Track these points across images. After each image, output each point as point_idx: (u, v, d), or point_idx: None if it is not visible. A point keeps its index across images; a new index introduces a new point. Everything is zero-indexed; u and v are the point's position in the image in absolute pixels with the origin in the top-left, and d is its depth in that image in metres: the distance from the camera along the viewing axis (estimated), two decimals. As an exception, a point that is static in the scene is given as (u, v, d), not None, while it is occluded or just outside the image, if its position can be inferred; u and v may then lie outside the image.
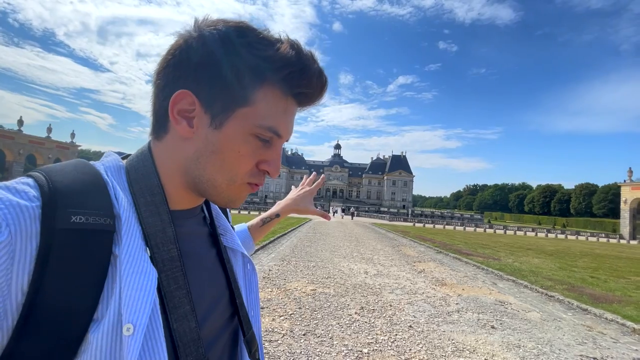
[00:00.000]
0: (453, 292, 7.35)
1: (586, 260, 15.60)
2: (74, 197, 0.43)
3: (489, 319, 5.55)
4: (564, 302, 7.13)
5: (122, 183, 0.50)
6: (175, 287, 0.48)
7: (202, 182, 0.51)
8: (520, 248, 19.29)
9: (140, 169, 0.52)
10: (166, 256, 0.48)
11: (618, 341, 5.03)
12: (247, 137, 0.49)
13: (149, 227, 0.48)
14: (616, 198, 58.76)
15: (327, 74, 0.56)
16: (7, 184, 0.41)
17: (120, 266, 0.42)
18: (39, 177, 0.43)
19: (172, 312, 0.47)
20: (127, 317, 0.40)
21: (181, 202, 0.55)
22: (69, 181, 0.44)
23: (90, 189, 0.45)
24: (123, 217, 0.45)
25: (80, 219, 0.42)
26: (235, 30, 0.49)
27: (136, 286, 0.42)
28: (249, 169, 0.51)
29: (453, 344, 4.37)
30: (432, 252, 14.87)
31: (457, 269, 10.50)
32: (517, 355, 4.16)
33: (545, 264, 12.78)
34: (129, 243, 0.44)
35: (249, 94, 0.48)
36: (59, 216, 0.40)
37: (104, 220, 0.43)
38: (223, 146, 0.49)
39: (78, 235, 0.41)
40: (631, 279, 10.61)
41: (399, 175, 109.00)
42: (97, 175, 0.47)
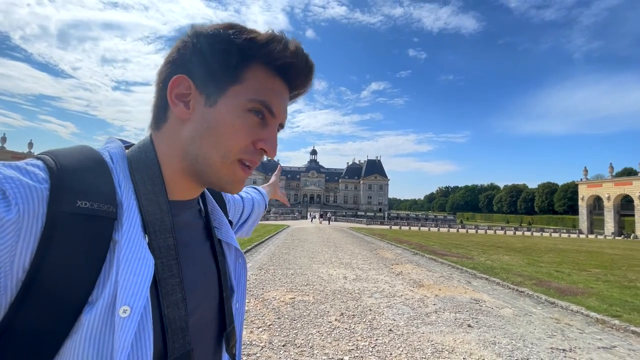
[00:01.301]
0: (430, 292, 7.48)
1: (551, 255, 16.48)
2: (81, 182, 0.44)
3: (466, 318, 5.68)
4: (534, 296, 7.45)
5: (125, 171, 0.51)
6: (169, 274, 0.50)
7: (199, 161, 0.52)
8: (491, 246, 20.08)
9: (142, 158, 0.53)
10: (163, 244, 0.50)
11: (584, 331, 5.30)
12: (240, 112, 0.51)
13: (148, 215, 0.50)
14: (575, 196, 62.99)
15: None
16: (18, 164, 0.42)
17: (119, 251, 0.44)
18: (48, 159, 0.45)
19: (164, 298, 0.48)
20: (125, 300, 0.42)
21: (179, 192, 0.57)
22: (76, 166, 0.46)
23: (96, 175, 0.47)
24: (125, 205, 0.47)
25: (85, 204, 0.43)
26: (225, 26, 0.53)
27: (134, 271, 0.44)
28: (243, 144, 0.52)
29: (432, 345, 4.41)
30: (409, 253, 15.13)
31: (433, 270, 10.72)
32: (493, 352, 4.27)
33: (514, 261, 13.36)
34: (129, 230, 0.46)
35: (239, 73, 0.51)
36: (65, 200, 0.42)
37: (107, 207, 0.45)
38: (217, 121, 0.51)
39: (82, 219, 0.42)
40: (592, 272, 11.31)
41: (374, 180, 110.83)
42: (102, 162, 0.49)
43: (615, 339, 5.02)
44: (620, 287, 8.60)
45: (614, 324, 5.60)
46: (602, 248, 23.08)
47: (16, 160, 0.43)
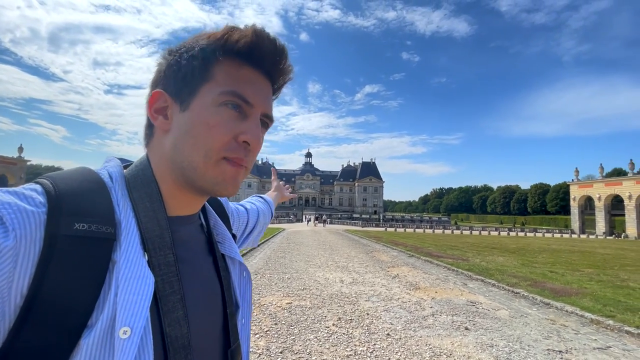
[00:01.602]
0: (427, 295, 7.49)
1: (545, 255, 16.66)
2: (78, 204, 0.44)
3: (463, 321, 5.69)
4: (529, 297, 7.50)
5: (123, 190, 0.52)
6: (170, 291, 0.49)
7: (184, 168, 0.52)
8: (485, 247, 20.23)
9: (140, 176, 0.54)
10: (163, 261, 0.49)
11: (579, 332, 5.35)
12: (214, 108, 0.51)
13: (147, 233, 0.49)
14: (566, 196, 63.86)
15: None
16: (15, 189, 0.42)
17: (118, 271, 0.43)
18: (46, 183, 0.45)
19: (165, 315, 0.47)
20: (124, 320, 0.41)
21: (178, 207, 0.56)
22: (74, 189, 0.46)
23: (94, 196, 0.47)
24: (123, 224, 0.47)
25: (83, 226, 0.43)
26: (193, 37, 0.55)
27: (133, 290, 0.43)
28: (224, 141, 0.51)
29: (430, 349, 4.41)
30: (405, 256, 15.17)
31: (429, 272, 10.75)
32: (491, 355, 4.28)
33: (509, 262, 13.46)
34: (127, 249, 0.46)
35: (206, 71, 0.51)
36: (63, 223, 0.42)
37: (105, 228, 0.45)
38: (192, 122, 0.51)
39: (79, 242, 0.42)
40: (585, 272, 11.45)
41: (369, 182, 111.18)
42: (101, 183, 0.49)
43: (609, 339, 5.07)
44: (613, 287, 8.71)
45: (609, 324, 5.66)
46: (594, 248, 23.39)
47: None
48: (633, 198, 44.37)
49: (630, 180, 45.68)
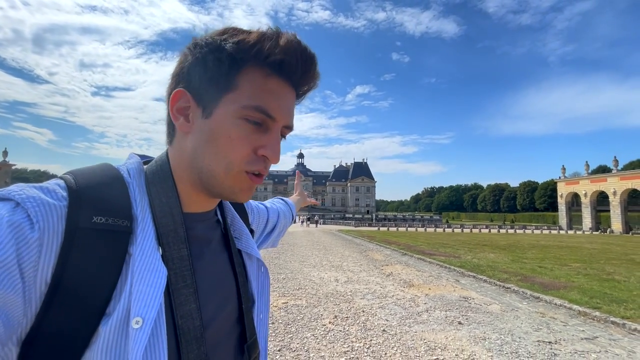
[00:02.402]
0: (421, 292, 7.61)
1: (534, 251, 17.03)
2: (97, 199, 0.47)
3: (456, 316, 5.82)
4: (519, 292, 7.69)
5: (141, 185, 0.53)
6: (183, 285, 0.50)
7: (203, 173, 0.53)
8: (477, 245, 20.56)
9: (158, 172, 0.55)
10: (176, 255, 0.51)
11: (567, 324, 5.53)
12: (236, 120, 0.50)
13: (162, 227, 0.51)
14: (554, 193, 65.26)
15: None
16: (41, 185, 0.45)
17: (133, 264, 0.46)
18: (69, 179, 0.47)
19: (177, 308, 0.49)
20: (137, 311, 0.43)
21: (194, 204, 0.58)
22: (94, 184, 0.48)
23: (112, 191, 0.49)
24: (139, 218, 0.49)
25: (101, 219, 0.45)
26: (219, 32, 0.52)
27: (147, 282, 0.45)
28: (244, 154, 0.51)
29: (425, 344, 4.51)
30: (398, 254, 15.33)
31: (422, 270, 10.91)
32: (483, 348, 4.40)
33: (500, 258, 13.74)
34: (142, 242, 0.48)
35: (232, 80, 0.50)
36: (82, 216, 0.44)
37: (122, 222, 0.47)
38: (214, 133, 0.51)
39: (97, 234, 0.45)
40: (572, 266, 11.76)
41: (361, 182, 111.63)
42: (120, 179, 0.51)
43: (596, 330, 5.25)
44: (600, 280, 8.98)
45: (595, 316, 5.85)
46: (581, 243, 23.99)
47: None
48: (617, 194, 45.60)
49: (614, 176, 46.95)
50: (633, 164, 77.07)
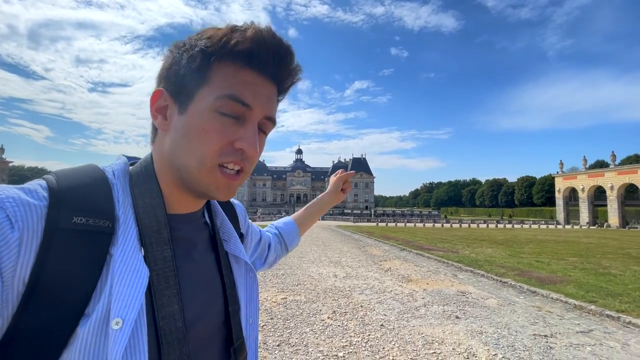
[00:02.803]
0: (419, 287, 7.67)
1: (531, 246, 17.14)
2: (78, 199, 0.47)
3: (453, 310, 5.87)
4: (516, 286, 7.76)
5: (125, 186, 0.53)
6: (165, 286, 0.50)
7: (181, 170, 0.53)
8: (475, 240, 20.68)
9: (142, 173, 0.55)
10: (159, 256, 0.50)
11: (563, 318, 5.59)
12: (210, 113, 0.50)
13: (145, 228, 0.51)
14: (552, 188, 65.54)
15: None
16: (23, 185, 0.45)
17: (114, 265, 0.45)
18: (50, 179, 0.48)
19: (159, 309, 0.48)
20: (117, 312, 0.43)
21: (179, 205, 0.58)
22: (76, 184, 0.48)
23: (95, 192, 0.49)
24: (121, 219, 0.49)
25: (81, 220, 0.45)
26: (197, 32, 0.53)
27: (127, 283, 0.45)
28: (217, 147, 0.50)
29: (423, 338, 4.56)
30: (396, 250, 15.41)
31: (420, 265, 10.98)
32: (480, 341, 4.45)
33: (497, 253, 13.83)
34: (124, 243, 0.48)
35: (205, 74, 0.51)
36: (62, 216, 0.44)
37: (103, 222, 0.47)
38: (188, 127, 0.51)
39: (77, 235, 0.45)
40: (569, 260, 11.85)
41: (360, 177, 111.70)
42: (104, 180, 0.52)
43: (592, 324, 5.31)
44: (596, 274, 9.07)
45: (591, 309, 5.92)
46: (578, 237, 24.15)
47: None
48: (614, 189, 45.84)
49: (611, 171, 47.17)
50: (630, 159, 77.36)
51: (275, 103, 0.57)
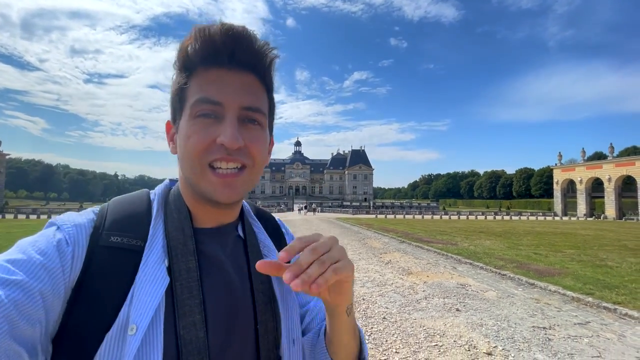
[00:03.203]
0: (419, 279, 7.78)
1: (529, 238, 17.32)
2: (117, 222, 0.55)
3: (454, 303, 5.98)
4: (515, 279, 7.89)
5: (161, 205, 0.59)
6: (188, 295, 0.52)
7: (188, 181, 0.57)
8: (473, 232, 20.86)
9: (175, 192, 0.61)
10: (184, 267, 0.53)
11: (561, 309, 5.71)
12: (191, 120, 0.54)
13: (172, 241, 0.55)
14: (550, 180, 65.80)
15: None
16: (84, 211, 0.56)
17: (138, 276, 0.50)
18: (104, 205, 0.58)
19: (180, 318, 0.50)
20: (133, 319, 0.47)
21: (205, 220, 0.60)
22: (119, 209, 0.57)
23: (133, 215, 0.57)
24: (151, 235, 0.54)
25: (117, 239, 0.53)
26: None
27: (146, 292, 0.49)
28: (201, 147, 0.52)
29: (425, 330, 4.66)
30: (396, 242, 15.54)
31: (420, 257, 11.10)
32: (480, 334, 4.55)
33: (496, 245, 13.98)
34: (149, 255, 0.52)
35: (185, 87, 0.55)
36: (103, 235, 0.52)
37: (135, 242, 0.53)
38: (180, 139, 0.56)
39: (112, 252, 0.51)
40: (567, 252, 12.00)
41: (359, 170, 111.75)
42: (145, 202, 0.60)
43: (589, 315, 5.43)
44: (593, 267, 9.20)
45: (588, 301, 6.04)
46: (576, 229, 24.38)
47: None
48: (612, 181, 46.08)
49: (609, 163, 47.35)
50: (628, 151, 77.49)
51: (255, 90, 0.57)
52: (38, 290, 0.43)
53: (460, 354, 3.97)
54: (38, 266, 0.45)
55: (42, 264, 0.45)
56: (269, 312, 0.60)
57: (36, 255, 0.46)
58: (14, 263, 0.44)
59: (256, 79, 0.57)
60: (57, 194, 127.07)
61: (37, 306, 0.43)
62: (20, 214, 39.20)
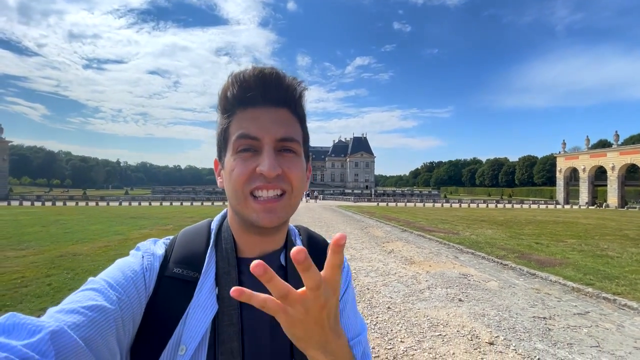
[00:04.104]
0: (422, 269, 7.92)
1: (531, 227, 17.44)
2: (180, 254, 0.62)
3: (456, 293, 6.12)
4: (516, 269, 8.02)
5: (214, 236, 0.66)
6: (229, 323, 0.56)
7: (236, 213, 0.62)
8: (475, 220, 20.99)
9: (226, 223, 0.68)
10: (227, 295, 0.57)
11: (561, 299, 5.84)
12: (233, 156, 0.60)
13: (220, 270, 0.61)
14: (553, 168, 65.44)
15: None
16: (158, 240, 0.66)
17: (191, 304, 0.57)
18: (173, 237, 0.67)
19: (219, 345, 0.55)
20: (184, 340, 0.54)
21: (248, 249, 0.65)
22: (184, 242, 0.65)
23: (193, 247, 0.64)
24: (206, 265, 0.62)
25: (179, 270, 0.60)
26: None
27: (197, 317, 0.56)
28: (243, 178, 0.58)
29: (428, 320, 4.80)
30: (398, 231, 15.70)
31: (422, 246, 11.24)
32: (483, 324, 4.69)
33: (497, 234, 14.11)
34: (202, 285, 0.59)
35: (227, 127, 0.61)
36: (169, 266, 0.61)
37: (193, 274, 0.60)
38: (225, 175, 0.62)
39: (174, 282, 0.59)
40: (568, 242, 12.12)
41: (360, 157, 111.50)
42: (205, 235, 0.67)
43: (589, 305, 5.56)
44: (594, 257, 9.32)
45: (588, 292, 6.17)
46: (577, 218, 24.47)
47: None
48: (616, 169, 45.86)
49: (614, 151, 46.98)
50: (633, 138, 76.76)
51: (287, 122, 0.61)
52: (130, 303, 0.52)
53: (463, 343, 4.11)
54: (131, 283, 0.54)
55: (134, 282, 0.55)
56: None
57: (130, 274, 0.55)
58: (114, 279, 0.53)
59: (288, 112, 0.62)
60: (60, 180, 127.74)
61: (129, 317, 0.51)
62: (25, 201, 39.58)
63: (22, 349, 0.36)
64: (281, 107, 0.61)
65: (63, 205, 37.28)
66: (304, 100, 0.65)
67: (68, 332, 0.41)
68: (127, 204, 41.25)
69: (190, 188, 76.54)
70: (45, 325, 0.40)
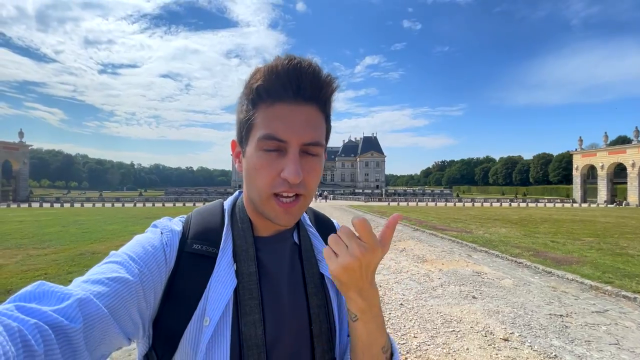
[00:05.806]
0: (434, 267, 7.87)
1: (546, 225, 17.04)
2: (198, 232, 0.65)
3: (470, 290, 6.07)
4: (531, 267, 7.88)
5: (230, 216, 0.69)
6: (249, 297, 0.61)
7: (252, 201, 0.65)
8: (488, 219, 20.65)
9: (240, 204, 0.71)
10: (246, 271, 0.62)
11: (579, 298, 5.72)
12: (257, 152, 0.59)
13: (237, 247, 0.65)
14: (569, 165, 63.74)
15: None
16: (173, 219, 0.69)
17: (212, 279, 0.61)
18: (189, 215, 0.70)
19: (242, 317, 0.59)
20: (208, 312, 0.57)
21: (263, 229, 0.69)
22: (200, 220, 0.68)
23: (210, 225, 0.67)
24: (223, 242, 0.64)
25: (198, 246, 0.63)
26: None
27: (218, 291, 0.59)
28: (268, 180, 0.58)
29: (441, 317, 4.79)
30: (410, 230, 15.58)
31: (434, 245, 11.15)
32: (497, 320, 4.65)
33: (511, 233, 13.85)
34: (221, 261, 0.62)
35: (252, 118, 0.59)
36: (188, 242, 0.63)
37: (212, 249, 0.63)
38: (247, 167, 0.62)
39: (194, 257, 0.62)
40: (585, 240, 11.81)
41: (371, 157, 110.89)
42: (219, 213, 0.70)
43: (607, 304, 5.43)
44: (613, 255, 9.07)
45: (607, 290, 6.02)
46: (595, 217, 23.76)
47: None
48: (636, 166, 44.32)
49: (634, 147, 45.41)
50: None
51: (315, 122, 0.60)
52: (151, 276, 0.55)
53: (477, 339, 4.08)
54: (151, 257, 0.57)
55: (154, 256, 0.57)
56: (322, 315, 0.67)
57: (150, 249, 0.58)
58: (135, 253, 0.56)
59: (317, 109, 0.61)
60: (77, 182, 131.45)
61: (150, 289, 0.54)
62: (45, 203, 40.92)
63: (52, 314, 0.39)
64: (311, 104, 0.60)
65: (81, 206, 38.40)
66: (334, 98, 0.63)
67: (94, 301, 0.44)
68: (141, 205, 42.20)
69: (202, 189, 77.67)
70: (73, 293, 0.43)
